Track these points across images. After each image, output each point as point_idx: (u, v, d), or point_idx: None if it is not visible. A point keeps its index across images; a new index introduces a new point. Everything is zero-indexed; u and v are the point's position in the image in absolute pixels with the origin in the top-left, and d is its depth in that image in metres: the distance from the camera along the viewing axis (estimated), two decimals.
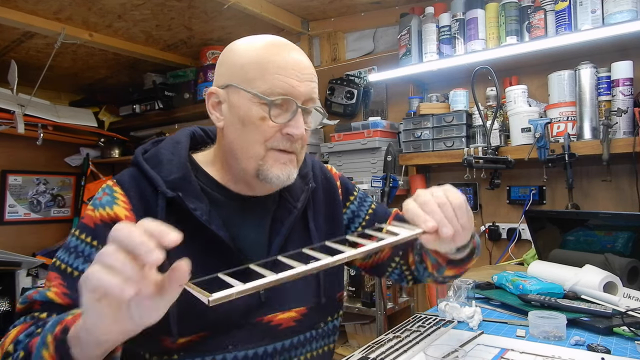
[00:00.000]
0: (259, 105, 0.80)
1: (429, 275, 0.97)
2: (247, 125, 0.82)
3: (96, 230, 0.79)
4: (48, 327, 0.63)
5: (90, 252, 0.78)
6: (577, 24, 1.79)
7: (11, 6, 2.29)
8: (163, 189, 0.81)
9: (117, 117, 3.59)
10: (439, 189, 0.76)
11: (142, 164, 0.85)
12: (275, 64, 0.81)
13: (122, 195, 0.82)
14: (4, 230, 3.31)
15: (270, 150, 0.82)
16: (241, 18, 2.55)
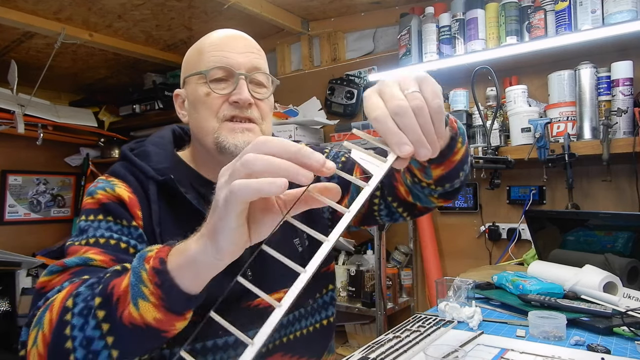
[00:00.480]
0: (202, 84, 0.85)
1: (424, 190, 0.85)
2: (198, 106, 0.86)
3: (105, 207, 0.79)
4: (135, 265, 0.58)
5: (109, 226, 0.78)
6: (577, 24, 1.79)
7: (11, 6, 2.29)
8: (153, 174, 0.84)
9: (117, 117, 3.59)
10: (411, 79, 0.56)
11: (131, 156, 0.88)
12: (210, 43, 0.87)
13: (119, 182, 0.84)
14: (4, 230, 3.31)
15: (224, 122, 0.84)
16: (241, 18, 2.55)
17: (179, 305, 0.56)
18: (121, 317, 0.56)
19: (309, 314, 0.95)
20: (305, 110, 2.81)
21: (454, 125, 0.75)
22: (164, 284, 0.55)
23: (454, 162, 0.78)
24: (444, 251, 2.38)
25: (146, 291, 0.55)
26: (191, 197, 0.83)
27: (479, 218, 2.26)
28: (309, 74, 2.92)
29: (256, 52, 0.89)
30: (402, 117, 0.53)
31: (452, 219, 2.37)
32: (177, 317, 0.57)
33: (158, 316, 0.56)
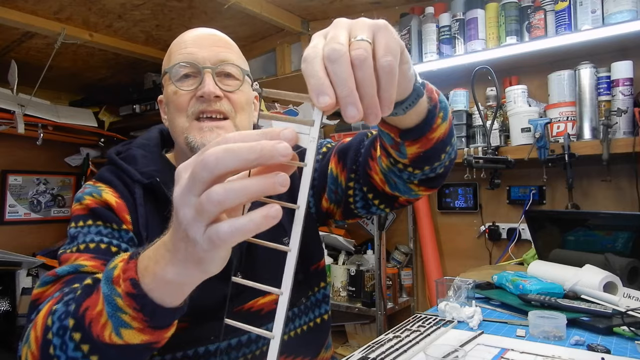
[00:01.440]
0: (170, 83, 0.84)
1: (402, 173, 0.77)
2: (169, 106, 0.86)
3: (94, 212, 0.79)
4: (106, 292, 0.54)
5: (99, 230, 0.78)
6: (577, 24, 1.79)
7: (11, 6, 2.29)
8: (139, 178, 0.83)
9: (117, 117, 3.59)
10: (366, 25, 0.46)
11: (116, 160, 0.87)
12: (177, 43, 0.88)
13: (106, 187, 0.84)
14: (4, 230, 3.31)
15: (193, 121, 0.83)
16: (241, 18, 2.55)
17: (165, 320, 0.55)
18: (99, 337, 0.54)
19: (303, 313, 0.95)
20: (305, 110, 2.80)
21: (434, 96, 0.66)
22: (145, 307, 0.52)
23: (432, 139, 0.69)
24: (444, 251, 2.38)
25: (127, 318, 0.53)
26: None
27: (479, 218, 2.26)
28: None
29: (223, 46, 0.87)
30: (333, 64, 0.42)
31: (452, 218, 2.37)
32: (165, 330, 0.56)
33: (145, 338, 0.54)
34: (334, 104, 0.44)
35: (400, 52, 0.48)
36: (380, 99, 0.45)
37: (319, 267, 0.99)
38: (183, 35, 0.90)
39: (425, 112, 0.66)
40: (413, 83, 0.58)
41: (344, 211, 0.95)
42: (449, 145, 0.74)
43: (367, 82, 0.43)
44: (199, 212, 0.40)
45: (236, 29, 2.74)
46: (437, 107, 0.66)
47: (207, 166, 0.38)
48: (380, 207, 0.90)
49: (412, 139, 0.68)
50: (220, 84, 0.83)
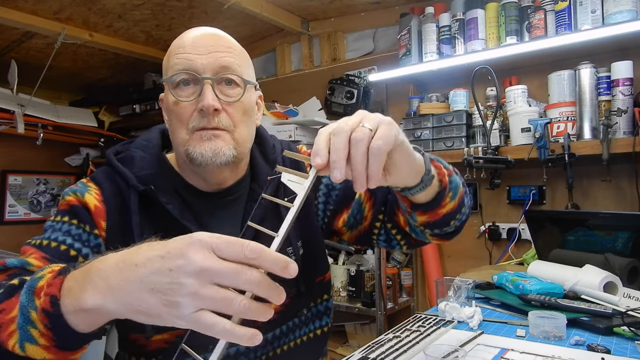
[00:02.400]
0: (170, 90, 0.82)
1: (416, 229, 0.88)
2: (170, 115, 0.84)
3: (73, 209, 0.80)
4: (24, 301, 0.54)
5: (70, 229, 0.78)
6: (577, 24, 1.79)
7: (11, 6, 2.29)
8: (134, 183, 0.82)
9: (117, 117, 3.59)
10: (373, 118, 0.58)
11: (114, 162, 0.86)
12: (177, 46, 0.84)
13: (94, 188, 0.83)
14: (4, 230, 3.31)
15: (194, 133, 0.80)
16: (241, 18, 2.55)
17: (75, 344, 0.55)
18: (3, 343, 0.54)
19: (303, 324, 0.94)
20: (305, 110, 2.81)
21: (445, 179, 0.76)
22: (57, 327, 0.52)
23: (440, 214, 0.79)
24: (444, 251, 2.38)
25: (35, 333, 0.53)
26: (172, 207, 0.81)
27: (479, 218, 2.26)
28: (309, 74, 2.92)
29: (224, 49, 0.82)
30: (335, 136, 0.56)
31: None
32: (72, 353, 0.56)
33: (49, 357, 0.54)
34: (324, 164, 0.55)
35: (399, 143, 0.59)
36: (368, 174, 0.56)
37: (323, 280, 0.99)
38: (183, 36, 0.86)
39: (434, 194, 0.76)
40: (422, 175, 0.70)
41: (360, 237, 0.99)
42: (458, 214, 0.84)
43: (358, 159, 0.55)
44: (202, 298, 0.46)
45: (236, 29, 2.74)
46: (447, 188, 0.77)
47: (224, 277, 0.46)
48: (401, 242, 0.96)
49: (422, 211, 0.78)
50: (220, 94, 0.80)
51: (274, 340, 0.88)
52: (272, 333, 0.88)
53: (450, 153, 2.10)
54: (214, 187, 0.88)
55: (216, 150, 0.79)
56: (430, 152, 2.14)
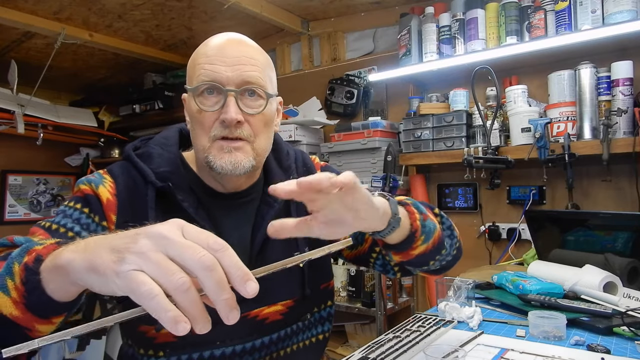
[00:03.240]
0: (193, 98, 0.83)
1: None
2: (192, 121, 0.85)
3: (86, 198, 0.82)
4: (14, 255, 0.58)
5: (80, 217, 0.80)
6: (577, 24, 1.79)
7: (11, 6, 2.29)
8: (152, 179, 0.83)
9: (117, 117, 3.59)
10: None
11: (133, 157, 0.87)
12: (202, 55, 0.84)
13: (109, 181, 0.85)
14: (4, 230, 3.31)
15: (215, 141, 0.82)
16: (241, 18, 2.55)
17: (40, 307, 0.55)
18: None
19: (307, 328, 0.96)
20: (305, 110, 2.81)
21: (416, 223, 0.80)
22: (29, 282, 0.54)
23: (413, 255, 0.82)
24: None
25: (10, 285, 0.55)
26: (188, 204, 0.83)
27: (479, 218, 2.26)
28: (309, 74, 2.92)
29: (249, 62, 0.83)
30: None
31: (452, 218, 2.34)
32: (37, 319, 0.56)
33: (15, 313, 0.55)
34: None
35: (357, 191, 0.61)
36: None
37: (328, 287, 1.01)
38: (208, 42, 0.86)
39: (404, 236, 0.79)
40: (388, 218, 0.73)
41: (358, 258, 1.03)
42: (438, 255, 0.86)
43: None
44: (147, 259, 0.44)
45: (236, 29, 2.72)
46: (418, 232, 0.80)
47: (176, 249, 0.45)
48: (395, 269, 0.98)
49: (393, 251, 0.82)
50: (243, 106, 0.82)
51: (278, 342, 0.89)
52: (277, 334, 0.89)
53: (450, 153, 2.10)
54: (230, 190, 0.91)
55: (236, 163, 0.81)
56: (430, 152, 2.16)
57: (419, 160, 2.23)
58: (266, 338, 0.88)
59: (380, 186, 2.18)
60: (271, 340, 0.88)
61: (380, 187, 2.18)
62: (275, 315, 0.88)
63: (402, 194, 2.37)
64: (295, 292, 0.91)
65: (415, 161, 2.25)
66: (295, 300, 0.91)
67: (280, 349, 0.90)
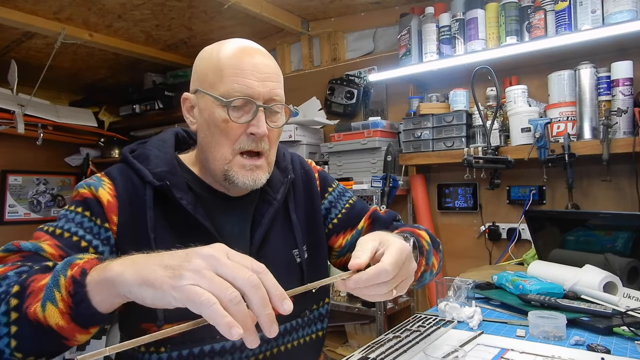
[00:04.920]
0: (220, 107, 0.84)
1: None
2: (213, 128, 0.86)
3: (86, 202, 0.83)
4: (59, 268, 0.61)
5: (82, 221, 0.81)
6: (577, 24, 1.79)
7: (11, 6, 2.29)
8: (150, 179, 0.85)
9: (117, 117, 3.59)
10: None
11: (130, 159, 0.89)
12: (233, 67, 0.85)
13: (108, 183, 0.86)
14: (4, 230, 3.31)
15: (237, 155, 0.85)
16: (241, 18, 2.55)
17: (84, 319, 0.59)
18: (27, 311, 0.59)
19: (306, 324, 0.97)
20: (305, 110, 2.81)
21: (416, 275, 0.86)
22: (77, 294, 0.58)
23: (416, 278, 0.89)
24: (444, 251, 2.38)
25: (57, 296, 0.59)
26: (187, 202, 0.85)
27: (479, 218, 2.26)
28: (309, 74, 2.92)
29: (277, 80, 0.88)
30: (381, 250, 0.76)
31: (452, 219, 2.37)
32: (80, 329, 0.60)
33: (61, 323, 0.59)
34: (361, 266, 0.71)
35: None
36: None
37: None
38: (231, 49, 0.87)
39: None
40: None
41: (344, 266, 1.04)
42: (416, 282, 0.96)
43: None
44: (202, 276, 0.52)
45: (236, 29, 2.74)
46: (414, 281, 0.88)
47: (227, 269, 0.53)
48: None
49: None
50: (268, 121, 0.86)
51: (277, 337, 0.90)
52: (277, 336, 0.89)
53: (450, 153, 2.10)
54: (235, 195, 0.94)
55: (256, 179, 0.87)
56: (430, 152, 2.16)
57: (419, 160, 2.23)
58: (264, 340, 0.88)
59: (380, 186, 2.18)
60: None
61: (380, 187, 2.18)
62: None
63: (402, 194, 2.37)
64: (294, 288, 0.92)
65: (415, 161, 2.25)
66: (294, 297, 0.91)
67: (280, 344, 0.91)
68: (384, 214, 1.10)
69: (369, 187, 2.21)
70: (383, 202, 2.16)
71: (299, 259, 0.96)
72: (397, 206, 2.47)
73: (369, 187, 2.21)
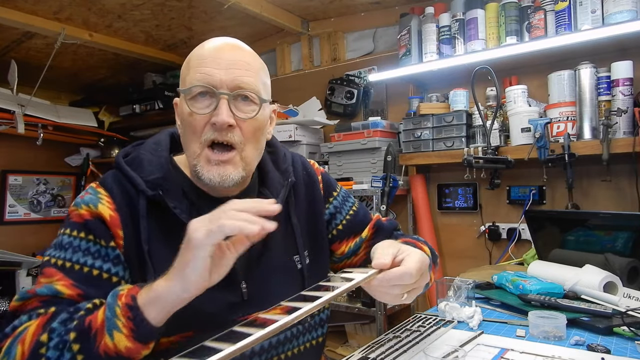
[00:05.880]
0: (185, 101, 0.82)
1: None
2: (185, 125, 0.84)
3: (87, 225, 0.79)
4: (111, 302, 0.68)
5: (88, 247, 0.78)
6: (577, 24, 1.79)
7: (11, 6, 2.29)
8: (143, 188, 0.82)
9: (117, 117, 3.59)
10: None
11: (123, 166, 0.86)
12: (197, 57, 0.83)
13: (105, 196, 0.82)
14: (4, 230, 3.31)
15: (206, 149, 0.81)
16: (241, 18, 2.55)
17: (146, 336, 0.67)
18: (97, 347, 0.66)
19: (307, 331, 0.95)
20: (305, 110, 2.81)
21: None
22: (136, 317, 0.66)
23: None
24: (444, 251, 2.38)
25: (120, 324, 0.66)
26: (181, 211, 0.82)
27: (479, 218, 2.26)
28: (309, 74, 2.92)
29: (243, 66, 0.82)
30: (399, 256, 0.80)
31: (452, 219, 2.37)
32: (143, 346, 0.67)
33: (129, 345, 0.66)
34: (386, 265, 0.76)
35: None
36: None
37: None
38: (204, 46, 0.85)
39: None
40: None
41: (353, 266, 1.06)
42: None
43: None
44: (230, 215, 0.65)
45: (236, 29, 2.74)
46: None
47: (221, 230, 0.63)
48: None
49: None
50: (235, 110, 0.81)
51: (278, 345, 0.89)
52: (277, 337, 0.88)
53: (450, 153, 2.10)
54: (220, 196, 0.90)
55: (224, 175, 0.81)
56: (430, 152, 2.16)
57: (419, 160, 2.23)
58: (265, 342, 0.86)
59: (380, 186, 2.18)
60: (271, 344, 0.87)
61: (380, 187, 2.18)
62: (273, 320, 0.87)
63: (402, 194, 2.37)
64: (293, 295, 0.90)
65: (415, 161, 2.25)
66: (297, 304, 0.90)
67: (280, 352, 0.90)
68: (386, 221, 1.09)
69: (369, 187, 2.21)
70: (383, 202, 2.16)
71: (300, 265, 0.94)
72: (397, 206, 2.47)
73: (369, 187, 2.21)
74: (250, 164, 0.86)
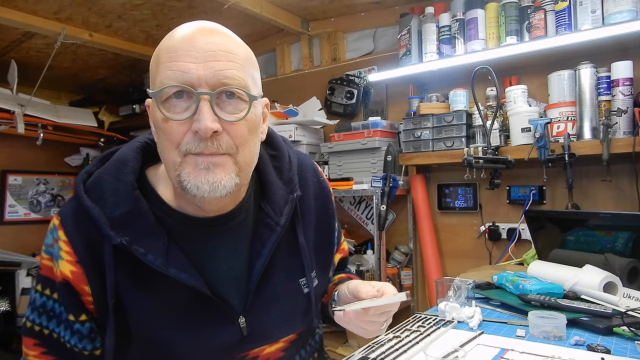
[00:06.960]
0: (158, 105, 0.66)
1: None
2: (159, 133, 0.68)
3: (56, 286, 0.71)
4: None
5: (60, 311, 0.72)
6: (577, 24, 1.79)
7: (11, 6, 2.29)
8: (107, 232, 0.68)
9: (117, 117, 3.59)
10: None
11: (83, 200, 0.71)
12: (167, 50, 0.66)
13: (65, 244, 0.70)
14: (4, 230, 3.31)
15: (188, 155, 0.66)
16: (241, 18, 2.55)
17: None
18: None
19: (309, 355, 0.91)
20: (305, 110, 2.81)
21: None
22: None
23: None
24: (444, 251, 2.38)
25: None
26: (154, 256, 0.68)
27: (479, 218, 2.26)
28: (309, 74, 2.92)
29: (225, 57, 0.66)
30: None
31: (452, 219, 2.37)
32: None
33: None
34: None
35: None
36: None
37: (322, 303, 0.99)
38: (174, 34, 0.68)
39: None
40: None
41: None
42: None
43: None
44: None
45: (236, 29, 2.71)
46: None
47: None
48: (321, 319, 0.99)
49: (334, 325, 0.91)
50: (220, 112, 0.65)
51: None
52: None
53: (450, 153, 2.10)
54: (212, 214, 0.75)
55: (215, 183, 0.66)
56: (430, 152, 2.16)
57: (419, 160, 2.23)
58: None
59: (380, 186, 2.18)
60: None
61: (380, 187, 2.18)
62: (277, 354, 0.80)
63: (402, 194, 2.37)
64: (298, 326, 0.83)
65: (415, 161, 2.25)
66: (298, 333, 0.84)
67: None
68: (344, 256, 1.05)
69: (369, 187, 2.21)
70: (383, 202, 2.16)
71: (307, 288, 0.82)
72: (397, 206, 2.47)
73: (369, 187, 2.21)
74: (245, 169, 0.71)
